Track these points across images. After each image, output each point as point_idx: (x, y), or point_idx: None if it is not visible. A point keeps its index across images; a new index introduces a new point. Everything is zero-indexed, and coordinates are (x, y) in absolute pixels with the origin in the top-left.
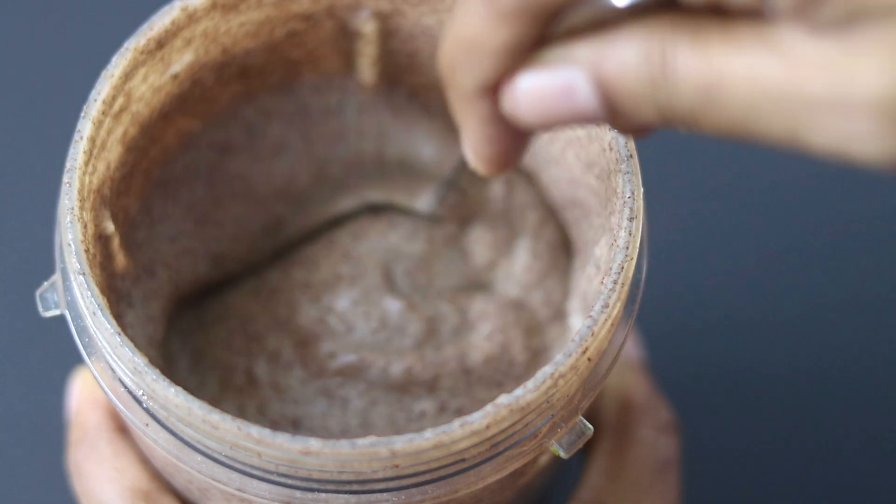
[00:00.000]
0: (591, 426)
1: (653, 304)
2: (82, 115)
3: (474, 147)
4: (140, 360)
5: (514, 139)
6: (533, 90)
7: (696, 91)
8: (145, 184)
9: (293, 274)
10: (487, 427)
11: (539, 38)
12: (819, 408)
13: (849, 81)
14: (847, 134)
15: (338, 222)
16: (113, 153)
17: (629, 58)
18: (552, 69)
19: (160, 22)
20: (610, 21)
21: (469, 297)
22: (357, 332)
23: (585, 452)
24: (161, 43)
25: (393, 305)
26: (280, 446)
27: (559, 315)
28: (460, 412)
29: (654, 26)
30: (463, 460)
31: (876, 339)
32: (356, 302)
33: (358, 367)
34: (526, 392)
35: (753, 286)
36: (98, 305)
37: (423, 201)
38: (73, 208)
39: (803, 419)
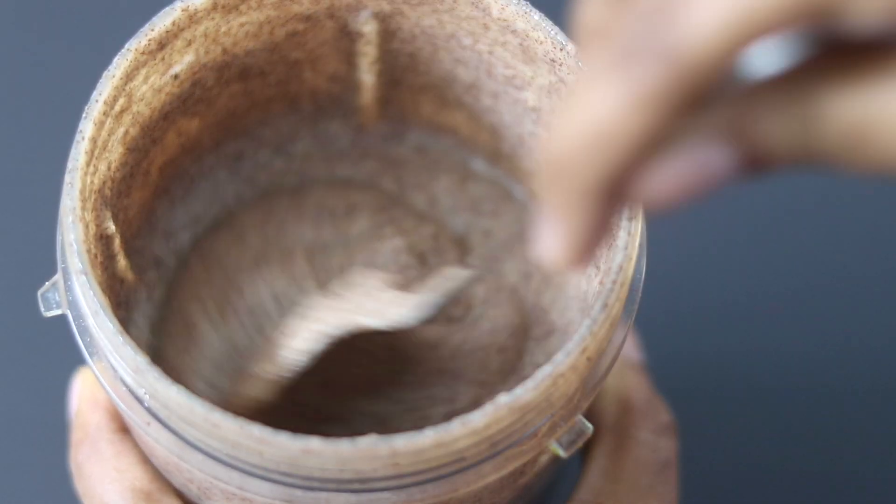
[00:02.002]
0: (590, 426)
1: (652, 304)
2: (84, 115)
3: (569, 248)
4: (142, 360)
5: (610, 222)
6: (666, 177)
7: (843, 137)
8: (151, 197)
9: None
10: (487, 426)
11: (682, 118)
12: (818, 410)
13: None
14: None
15: None
16: (114, 153)
17: (774, 117)
18: (688, 152)
19: (161, 23)
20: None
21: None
22: None
23: (584, 453)
24: (162, 44)
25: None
26: (281, 445)
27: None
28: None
29: (796, 72)
30: (463, 459)
31: (877, 342)
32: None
33: None
34: (525, 391)
35: (753, 287)
36: (100, 305)
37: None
38: (74, 208)
39: (802, 422)
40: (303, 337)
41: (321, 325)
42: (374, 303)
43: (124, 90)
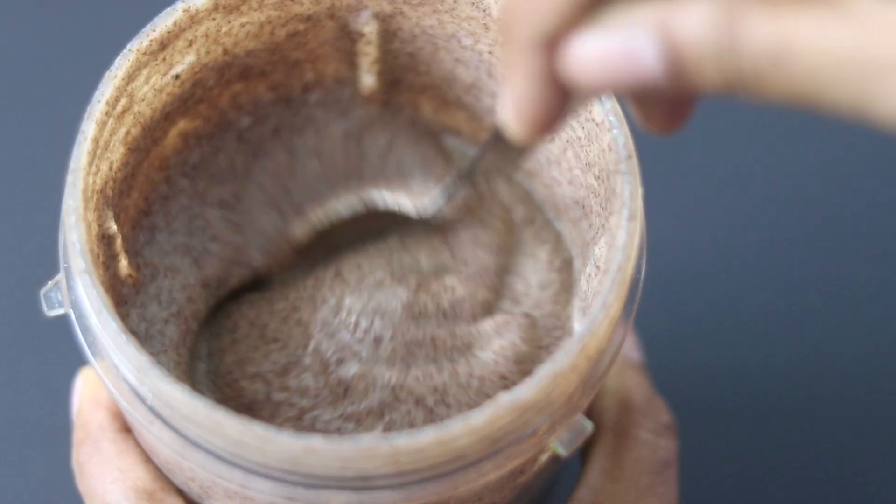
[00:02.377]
0: (590, 424)
1: (651, 304)
2: (86, 115)
3: (520, 106)
4: (144, 359)
5: (560, 101)
6: (594, 52)
7: (763, 55)
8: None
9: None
10: (487, 424)
11: None
12: (818, 410)
13: None
14: None
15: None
16: (116, 153)
17: (697, 19)
18: (616, 30)
19: (162, 23)
20: None
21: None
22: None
23: (585, 453)
24: (163, 44)
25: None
26: (283, 444)
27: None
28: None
29: None
30: (463, 457)
31: (876, 342)
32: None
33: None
34: (525, 390)
35: (753, 287)
36: (102, 304)
37: (426, 204)
38: (77, 208)
39: (802, 421)
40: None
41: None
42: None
43: (126, 90)
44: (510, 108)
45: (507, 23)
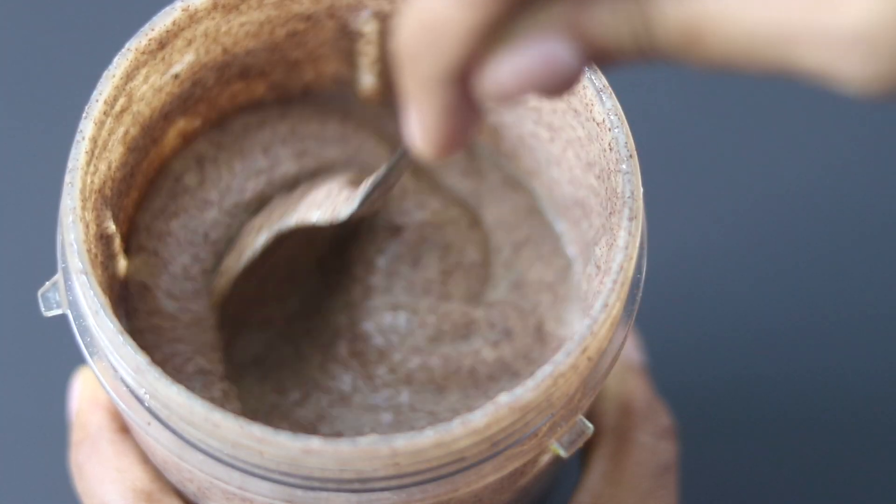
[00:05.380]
0: (590, 425)
1: (652, 306)
2: (84, 115)
3: (429, 135)
4: (142, 359)
5: (472, 119)
6: (511, 71)
7: (677, 36)
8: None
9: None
10: (488, 426)
11: (510, 13)
12: (818, 413)
13: (830, 14)
14: (831, 62)
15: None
16: (114, 153)
17: (608, 15)
18: (529, 47)
19: (161, 22)
20: None
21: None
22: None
23: (585, 456)
24: (162, 43)
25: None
26: (281, 445)
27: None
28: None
29: None
30: (463, 459)
31: (878, 343)
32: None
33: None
34: (526, 391)
35: (754, 288)
36: (100, 304)
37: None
38: (74, 208)
39: (804, 424)
40: (260, 231)
41: (276, 221)
42: (328, 199)
43: (125, 90)
44: (418, 135)
45: (407, 58)
